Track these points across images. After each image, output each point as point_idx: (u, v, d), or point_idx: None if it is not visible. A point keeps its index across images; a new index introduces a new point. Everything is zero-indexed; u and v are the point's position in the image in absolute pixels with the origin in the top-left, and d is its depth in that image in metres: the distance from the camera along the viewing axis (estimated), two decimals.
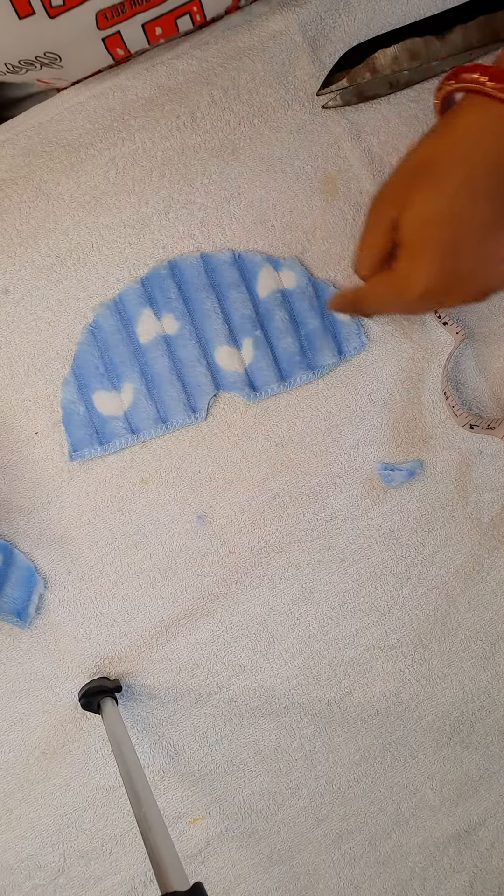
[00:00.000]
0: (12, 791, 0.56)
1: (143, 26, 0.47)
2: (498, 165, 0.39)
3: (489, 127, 0.39)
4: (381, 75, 0.53)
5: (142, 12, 0.46)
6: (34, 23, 0.42)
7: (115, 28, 0.46)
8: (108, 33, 0.46)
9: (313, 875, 0.60)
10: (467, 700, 0.59)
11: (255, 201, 0.54)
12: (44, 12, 0.42)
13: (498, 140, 0.39)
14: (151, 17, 0.47)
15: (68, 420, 0.53)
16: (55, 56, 0.46)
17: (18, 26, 0.42)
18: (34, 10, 0.42)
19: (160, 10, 0.47)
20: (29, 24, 0.42)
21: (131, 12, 0.45)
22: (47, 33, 0.44)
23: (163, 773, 0.58)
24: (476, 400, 0.57)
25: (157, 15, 0.47)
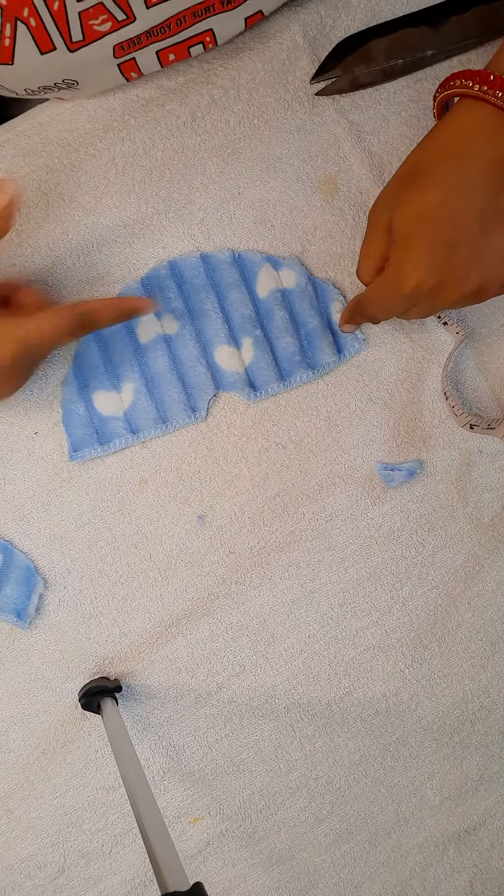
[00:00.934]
0: (12, 791, 0.56)
1: (157, 53, 0.48)
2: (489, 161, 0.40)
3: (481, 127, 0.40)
4: (375, 65, 0.53)
5: (157, 42, 0.47)
6: (55, 56, 0.43)
7: (130, 56, 0.47)
8: (123, 60, 0.47)
9: (313, 875, 0.60)
10: (467, 700, 0.59)
11: (254, 201, 0.54)
12: (64, 47, 0.43)
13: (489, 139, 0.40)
14: (166, 46, 0.48)
15: (68, 420, 0.53)
16: (73, 81, 0.47)
17: (40, 60, 0.43)
18: (55, 46, 0.42)
19: (174, 41, 0.47)
20: (50, 57, 0.43)
21: (147, 43, 0.46)
22: (67, 64, 0.45)
23: (163, 773, 0.58)
24: (476, 400, 0.57)
25: (171, 44, 0.48)
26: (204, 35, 0.48)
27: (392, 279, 0.43)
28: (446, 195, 0.40)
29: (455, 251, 0.41)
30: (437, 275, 0.42)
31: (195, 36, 0.48)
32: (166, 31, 0.46)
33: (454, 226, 0.40)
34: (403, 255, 0.42)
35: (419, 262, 0.41)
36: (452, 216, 0.40)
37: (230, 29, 0.49)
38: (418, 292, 0.43)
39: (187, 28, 0.47)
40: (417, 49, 0.53)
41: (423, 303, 0.44)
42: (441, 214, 0.40)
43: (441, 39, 0.53)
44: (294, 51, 0.53)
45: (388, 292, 0.45)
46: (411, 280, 0.42)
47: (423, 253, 0.41)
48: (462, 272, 0.42)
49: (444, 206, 0.40)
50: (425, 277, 0.42)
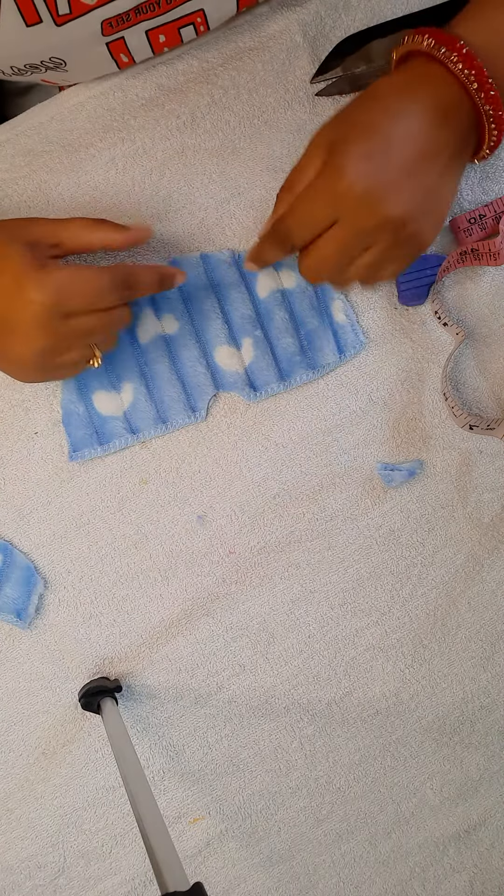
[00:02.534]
0: (12, 791, 0.56)
1: (147, 33, 0.48)
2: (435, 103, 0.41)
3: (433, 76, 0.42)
4: (375, 65, 0.53)
5: (146, 20, 0.46)
6: (41, 30, 0.43)
7: (119, 34, 0.46)
8: (111, 38, 0.46)
9: (313, 875, 0.60)
10: (467, 700, 0.59)
11: (255, 201, 0.54)
12: (51, 20, 0.42)
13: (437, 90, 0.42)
14: (155, 25, 0.47)
15: (68, 420, 0.53)
16: (60, 61, 0.47)
17: (25, 33, 0.43)
18: (41, 19, 0.42)
19: (164, 20, 0.47)
20: (36, 31, 0.43)
21: (136, 20, 0.46)
22: (53, 40, 0.44)
23: (163, 773, 0.58)
24: (476, 400, 0.57)
25: (161, 23, 0.47)
26: (195, 15, 0.48)
27: (325, 177, 0.42)
28: (388, 116, 0.41)
29: (388, 163, 0.40)
30: (367, 181, 0.40)
31: (186, 16, 0.47)
32: (155, 9, 0.45)
33: (391, 142, 0.41)
34: (339, 155, 0.41)
35: (353, 161, 0.40)
36: (391, 133, 0.41)
37: (222, 11, 0.49)
38: (347, 196, 0.41)
39: (177, 6, 0.46)
40: None
41: (347, 217, 0.42)
42: (380, 129, 0.41)
43: None
44: (294, 51, 0.53)
45: (316, 193, 0.42)
46: (344, 178, 0.40)
47: (358, 155, 0.40)
48: (390, 189, 0.41)
49: (385, 123, 0.41)
50: (356, 179, 0.40)
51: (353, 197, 0.41)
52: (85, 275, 0.43)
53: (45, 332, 0.43)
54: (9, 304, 0.42)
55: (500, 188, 0.56)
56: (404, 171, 0.41)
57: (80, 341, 0.44)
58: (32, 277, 0.41)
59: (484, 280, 0.56)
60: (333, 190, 0.41)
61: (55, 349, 0.44)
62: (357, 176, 0.40)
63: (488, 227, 0.55)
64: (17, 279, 0.41)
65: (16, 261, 0.42)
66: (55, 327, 0.43)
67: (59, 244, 0.45)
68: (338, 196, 0.41)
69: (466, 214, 0.55)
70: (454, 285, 0.56)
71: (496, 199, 0.55)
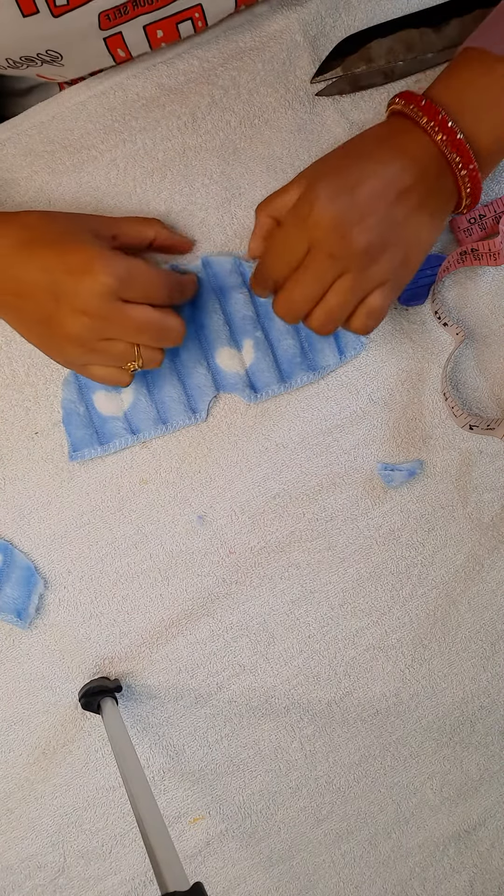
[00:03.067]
0: (12, 791, 0.56)
1: (145, 28, 0.47)
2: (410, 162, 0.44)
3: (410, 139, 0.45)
4: (375, 65, 0.53)
5: (144, 14, 0.46)
6: (38, 21, 0.43)
7: (116, 28, 0.46)
8: (109, 33, 0.46)
9: (313, 875, 0.60)
10: (467, 700, 0.59)
11: (255, 201, 0.54)
12: (48, 11, 0.42)
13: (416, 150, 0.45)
14: (153, 20, 0.47)
15: (68, 420, 0.53)
16: (57, 54, 0.46)
17: (22, 24, 0.42)
18: (38, 9, 0.42)
19: (162, 14, 0.47)
20: (32, 21, 0.42)
21: (133, 13, 0.46)
22: (50, 31, 0.44)
23: (163, 773, 0.58)
24: (476, 400, 0.57)
25: (158, 18, 0.47)
26: (192, 10, 0.48)
27: (296, 208, 0.44)
28: (360, 158, 0.45)
29: (356, 196, 0.43)
30: (335, 211, 0.43)
31: (184, 11, 0.48)
32: (154, 1, 0.45)
33: (360, 178, 0.44)
34: (310, 190, 0.44)
35: (324, 194, 0.43)
36: (360, 171, 0.44)
37: (220, 7, 0.49)
38: (317, 224, 0.43)
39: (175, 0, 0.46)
40: (418, 50, 0.53)
41: (317, 245, 0.44)
42: (351, 167, 0.44)
43: (442, 41, 0.53)
44: (294, 50, 0.53)
45: (288, 225, 0.45)
46: (314, 208, 0.43)
47: (329, 188, 0.43)
48: (357, 219, 0.43)
49: (356, 163, 0.44)
50: (325, 209, 0.43)
51: (322, 226, 0.43)
52: (146, 267, 0.45)
53: (99, 309, 0.44)
54: (73, 279, 0.44)
55: (500, 188, 0.56)
56: (371, 205, 0.44)
57: (129, 333, 0.46)
58: (102, 257, 0.44)
59: (484, 280, 0.56)
60: (304, 219, 0.44)
61: (103, 330, 0.45)
62: (326, 206, 0.43)
63: (488, 227, 0.55)
64: (87, 257, 0.44)
65: (87, 243, 0.44)
66: (110, 308, 0.44)
67: (116, 236, 0.49)
68: (308, 225, 0.44)
69: (466, 214, 0.55)
70: (454, 285, 0.56)
71: (496, 199, 0.55)
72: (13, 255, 0.44)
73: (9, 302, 0.46)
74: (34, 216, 0.46)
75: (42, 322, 0.46)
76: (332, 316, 0.46)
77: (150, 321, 0.45)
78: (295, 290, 0.46)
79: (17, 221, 0.46)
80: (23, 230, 0.45)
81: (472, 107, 0.45)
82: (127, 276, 0.44)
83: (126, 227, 0.50)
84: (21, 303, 0.45)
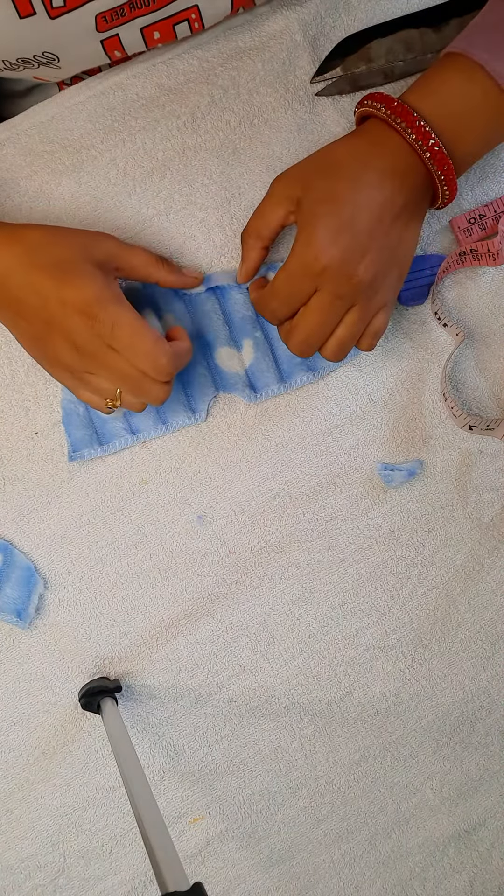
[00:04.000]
0: (12, 791, 0.56)
1: (142, 30, 0.47)
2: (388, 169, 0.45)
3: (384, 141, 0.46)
4: (375, 65, 0.53)
5: (141, 16, 0.46)
6: (34, 23, 0.42)
7: (113, 31, 0.46)
8: (106, 35, 0.46)
9: (313, 875, 0.60)
10: (467, 700, 0.59)
11: (255, 201, 0.54)
12: (45, 13, 0.42)
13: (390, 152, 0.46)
14: (150, 22, 0.47)
15: (68, 420, 0.53)
16: (53, 56, 0.46)
17: (19, 25, 0.42)
18: (35, 11, 0.42)
19: (159, 16, 0.47)
20: (29, 23, 0.42)
21: (130, 16, 0.46)
22: (47, 33, 0.44)
23: (163, 773, 0.58)
24: (476, 400, 0.57)
25: (155, 20, 0.47)
26: (189, 12, 0.48)
27: (299, 256, 0.45)
28: (351, 187, 0.45)
29: (357, 234, 0.44)
30: (342, 254, 0.44)
31: (180, 12, 0.48)
32: (150, 4, 0.46)
33: (356, 211, 0.45)
34: (311, 233, 0.45)
35: (325, 237, 0.44)
36: (355, 203, 0.45)
37: (216, 8, 0.49)
38: (325, 269, 0.44)
39: (172, 2, 0.46)
40: (418, 51, 0.53)
41: (325, 287, 0.45)
42: (345, 200, 0.45)
43: (442, 41, 0.53)
44: (294, 50, 0.53)
45: (292, 273, 0.46)
46: (320, 253, 0.44)
47: (329, 230, 0.44)
48: (360, 256, 0.45)
49: (349, 194, 0.45)
50: (331, 253, 0.44)
51: (330, 270, 0.45)
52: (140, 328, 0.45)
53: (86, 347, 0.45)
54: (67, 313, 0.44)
55: (500, 188, 0.56)
56: (371, 238, 0.45)
57: (111, 378, 0.46)
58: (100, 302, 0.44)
59: (484, 280, 0.56)
60: (311, 266, 0.45)
61: (87, 365, 0.46)
62: (330, 252, 0.44)
63: (488, 227, 0.55)
64: (84, 297, 0.44)
65: (88, 278, 0.44)
66: (96, 350, 0.45)
67: (120, 268, 0.49)
68: (315, 271, 0.45)
69: (466, 214, 0.55)
70: (454, 285, 0.56)
71: (496, 199, 0.55)
72: (13, 277, 0.45)
73: (8, 317, 0.47)
74: (37, 234, 0.46)
75: (37, 340, 0.47)
76: (343, 347, 0.48)
77: (130, 377, 0.46)
78: (307, 331, 0.47)
79: (22, 240, 0.45)
80: (25, 252, 0.45)
81: (451, 114, 0.46)
82: (120, 331, 0.44)
83: (134, 261, 0.49)
84: (18, 320, 0.46)
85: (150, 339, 0.44)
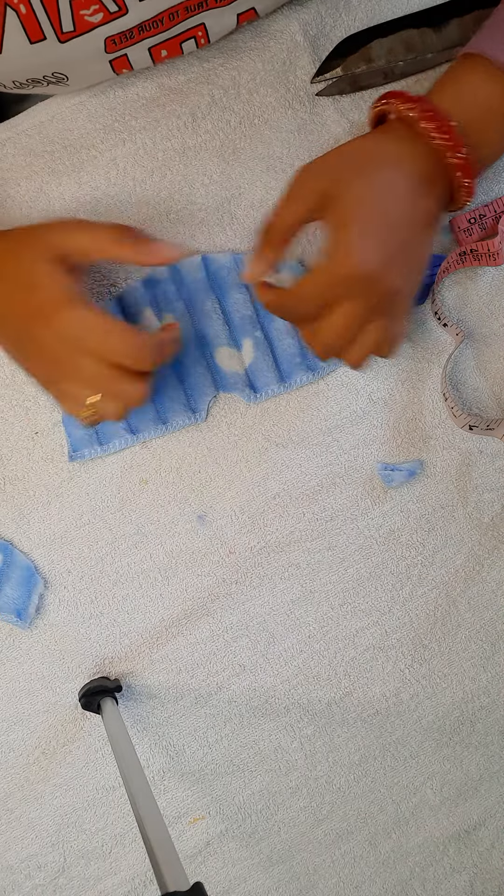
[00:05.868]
0: (12, 791, 0.56)
1: (150, 49, 0.48)
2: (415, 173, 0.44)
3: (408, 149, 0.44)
4: (376, 65, 0.53)
5: (149, 37, 0.46)
6: (44, 47, 0.43)
7: (122, 52, 0.47)
8: (115, 56, 0.47)
9: (313, 875, 0.60)
10: (467, 700, 0.59)
11: (255, 201, 0.54)
12: (55, 37, 0.42)
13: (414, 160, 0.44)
14: (158, 42, 0.48)
15: (68, 420, 0.53)
16: (63, 76, 0.47)
17: (29, 50, 0.43)
18: (45, 36, 0.42)
19: (167, 35, 0.47)
20: (40, 48, 0.43)
21: (139, 38, 0.46)
22: (57, 56, 0.44)
23: (163, 773, 0.58)
24: (476, 400, 0.57)
25: (163, 39, 0.48)
26: (196, 30, 0.48)
27: (333, 261, 0.43)
28: (384, 189, 0.44)
29: (387, 243, 0.43)
30: (372, 264, 0.43)
31: (187, 31, 0.48)
32: (159, 26, 0.46)
33: (387, 223, 0.43)
34: (347, 239, 0.43)
35: (362, 245, 0.43)
36: (386, 209, 0.43)
37: (222, 25, 0.49)
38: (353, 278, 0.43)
39: (179, 23, 0.46)
40: (418, 51, 0.53)
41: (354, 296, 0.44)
42: (379, 204, 0.43)
43: (442, 41, 0.53)
44: (294, 50, 0.53)
45: (324, 279, 0.44)
46: (355, 261, 0.42)
47: (365, 237, 0.43)
48: (389, 265, 0.43)
49: (382, 198, 0.43)
50: (362, 263, 0.43)
51: (359, 279, 0.43)
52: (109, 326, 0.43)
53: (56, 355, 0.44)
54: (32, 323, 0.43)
55: (501, 188, 0.56)
56: (399, 247, 0.44)
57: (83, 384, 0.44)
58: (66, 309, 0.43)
59: (484, 280, 0.56)
60: (344, 273, 0.43)
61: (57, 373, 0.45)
62: (363, 260, 0.43)
63: (488, 227, 0.55)
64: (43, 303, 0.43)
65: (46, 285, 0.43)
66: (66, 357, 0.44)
67: (67, 256, 0.45)
68: (348, 279, 0.43)
69: (466, 214, 0.55)
70: (454, 285, 0.56)
71: (496, 199, 0.55)
72: None
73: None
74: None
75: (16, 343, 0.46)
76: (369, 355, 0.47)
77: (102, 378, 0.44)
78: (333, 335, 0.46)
79: None
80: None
81: (474, 118, 0.45)
82: (82, 333, 0.43)
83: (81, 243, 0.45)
84: None
85: (117, 331, 0.43)
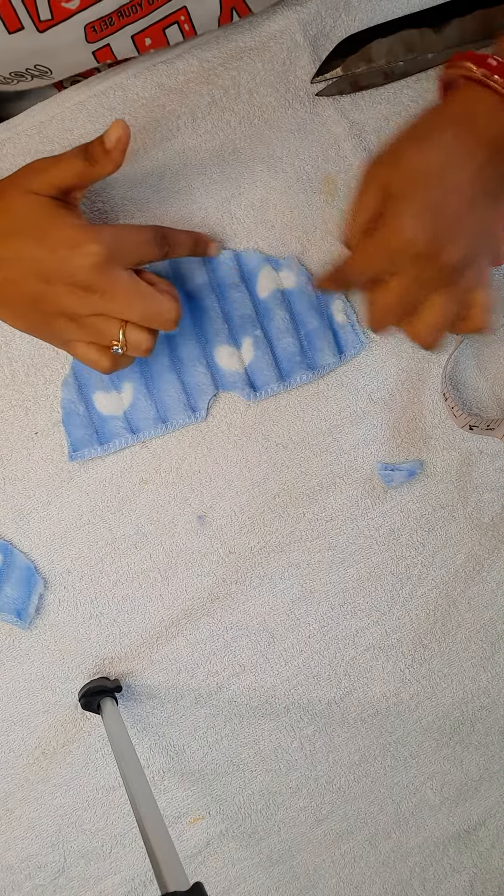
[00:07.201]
0: (12, 791, 0.56)
1: (133, 38, 0.47)
2: (483, 137, 0.42)
3: (481, 105, 0.42)
4: (376, 65, 0.53)
5: (130, 24, 0.46)
6: (23, 37, 0.43)
7: (104, 41, 0.46)
8: (97, 47, 0.46)
9: (313, 875, 0.60)
10: (467, 700, 0.59)
11: (255, 201, 0.54)
12: (33, 26, 0.42)
13: (486, 116, 0.42)
14: (140, 29, 0.47)
15: (68, 420, 0.53)
16: (45, 69, 0.47)
17: (8, 40, 0.43)
18: (23, 25, 0.42)
19: (148, 22, 0.47)
20: (18, 38, 0.43)
21: (119, 24, 0.45)
22: (37, 46, 0.44)
23: (163, 773, 0.58)
24: (476, 400, 0.57)
25: (145, 26, 0.47)
26: (178, 14, 0.47)
27: (386, 235, 0.43)
28: (445, 159, 0.42)
29: (444, 215, 0.42)
30: (425, 237, 0.42)
31: (169, 16, 0.47)
32: (138, 10, 0.45)
33: (446, 192, 0.42)
34: (399, 211, 0.42)
35: (410, 218, 0.42)
36: (445, 182, 0.42)
37: (205, 9, 0.48)
38: (405, 251, 0.42)
39: (159, 7, 0.46)
40: (419, 51, 0.53)
41: (406, 270, 0.43)
42: (438, 176, 0.42)
43: (442, 41, 0.53)
44: (294, 50, 0.53)
45: (381, 249, 0.43)
46: (405, 234, 0.42)
47: (415, 212, 0.42)
48: (447, 239, 0.42)
49: (442, 170, 0.42)
50: (414, 236, 0.42)
51: (411, 253, 0.42)
52: (129, 227, 0.44)
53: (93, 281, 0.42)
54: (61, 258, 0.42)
55: None
56: (459, 220, 0.42)
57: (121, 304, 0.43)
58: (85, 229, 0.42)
59: None
60: (391, 246, 0.42)
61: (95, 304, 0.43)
62: (415, 233, 0.41)
63: None
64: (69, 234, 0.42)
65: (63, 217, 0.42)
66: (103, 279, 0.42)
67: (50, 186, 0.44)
68: (395, 252, 0.42)
69: None
70: None
71: None
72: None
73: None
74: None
75: (31, 303, 0.44)
76: (435, 331, 0.46)
77: (142, 293, 0.43)
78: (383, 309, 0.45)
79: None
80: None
81: None
82: (114, 241, 0.42)
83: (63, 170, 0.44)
84: (5, 289, 0.44)
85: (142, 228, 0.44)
